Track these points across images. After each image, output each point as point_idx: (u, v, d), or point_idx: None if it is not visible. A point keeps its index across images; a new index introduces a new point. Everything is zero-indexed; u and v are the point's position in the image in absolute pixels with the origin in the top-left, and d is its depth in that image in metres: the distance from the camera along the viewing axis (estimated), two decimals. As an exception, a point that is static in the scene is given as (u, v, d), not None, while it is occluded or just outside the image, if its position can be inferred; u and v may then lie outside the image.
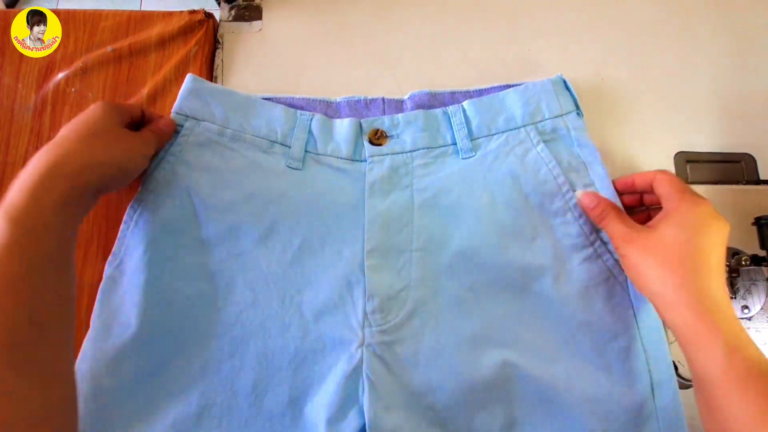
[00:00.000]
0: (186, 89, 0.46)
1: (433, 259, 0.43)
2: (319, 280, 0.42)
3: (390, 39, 0.54)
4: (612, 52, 0.53)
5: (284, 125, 0.45)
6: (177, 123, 0.45)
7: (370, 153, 0.45)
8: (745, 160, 0.50)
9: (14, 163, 0.49)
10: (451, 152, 0.46)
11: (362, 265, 0.42)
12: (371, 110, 0.48)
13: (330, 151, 0.45)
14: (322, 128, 0.46)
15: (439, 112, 0.46)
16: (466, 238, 0.43)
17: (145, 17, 0.53)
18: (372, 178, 0.44)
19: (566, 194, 0.43)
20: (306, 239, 0.43)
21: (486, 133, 0.46)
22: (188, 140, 0.44)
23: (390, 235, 0.43)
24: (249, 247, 0.42)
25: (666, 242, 0.36)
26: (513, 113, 0.46)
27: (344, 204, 0.44)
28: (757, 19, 0.54)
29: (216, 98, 0.46)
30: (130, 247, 0.41)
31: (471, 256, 0.43)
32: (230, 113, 0.45)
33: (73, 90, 0.51)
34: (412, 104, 0.48)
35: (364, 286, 0.42)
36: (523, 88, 0.46)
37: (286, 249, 0.42)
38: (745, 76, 0.53)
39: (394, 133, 0.46)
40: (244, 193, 0.43)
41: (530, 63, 0.53)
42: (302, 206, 0.43)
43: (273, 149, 0.45)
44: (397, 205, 0.44)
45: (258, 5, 0.55)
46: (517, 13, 0.55)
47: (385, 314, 0.41)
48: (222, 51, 0.53)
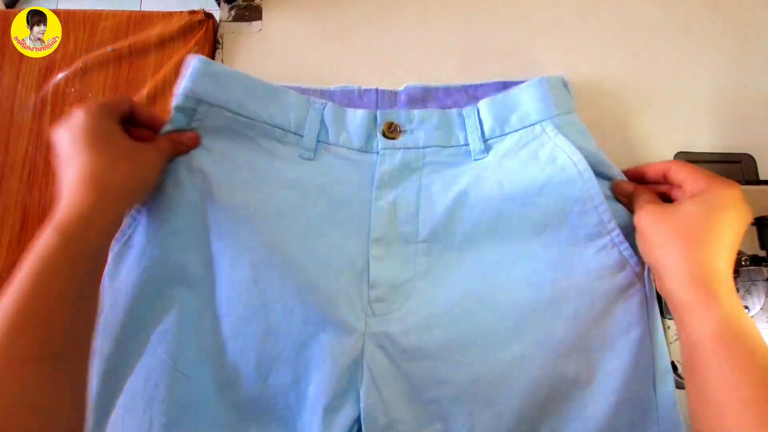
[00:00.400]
0: (196, 71, 0.43)
1: (439, 251, 0.42)
2: (323, 265, 0.41)
3: (390, 39, 0.54)
4: (612, 52, 0.53)
5: (298, 114, 0.45)
6: (187, 106, 0.43)
7: (383, 146, 0.45)
8: (745, 160, 0.50)
9: (14, 163, 0.49)
10: (464, 152, 0.45)
11: (367, 254, 0.42)
12: (364, 100, 0.48)
13: (342, 141, 0.45)
14: (334, 117, 0.45)
15: (455, 112, 0.46)
16: (473, 231, 0.43)
17: (145, 17, 0.53)
18: (382, 169, 0.44)
19: (588, 181, 0.41)
20: (312, 225, 0.42)
21: (499, 133, 0.45)
22: (203, 125, 0.43)
23: (396, 226, 0.43)
24: (255, 227, 0.42)
25: (684, 215, 0.36)
26: (527, 110, 0.44)
27: (353, 193, 0.44)
28: (757, 19, 0.54)
29: (231, 82, 0.44)
30: (140, 224, 0.41)
31: (477, 248, 0.42)
32: (244, 98, 0.44)
33: (73, 90, 0.51)
34: (405, 97, 0.48)
35: (368, 275, 0.42)
36: (538, 82, 0.45)
37: (292, 232, 0.42)
38: (745, 76, 0.52)
39: (409, 128, 0.45)
40: (256, 178, 0.43)
41: (530, 63, 0.53)
42: (312, 194, 0.43)
43: (286, 138, 0.45)
44: (405, 197, 0.44)
45: (258, 5, 0.55)
46: (517, 12, 0.55)
47: (389, 304, 0.41)
48: (222, 51, 0.53)
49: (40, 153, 0.50)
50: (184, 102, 0.43)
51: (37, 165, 0.49)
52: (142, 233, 0.41)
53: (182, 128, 0.43)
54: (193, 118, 0.43)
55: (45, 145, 0.50)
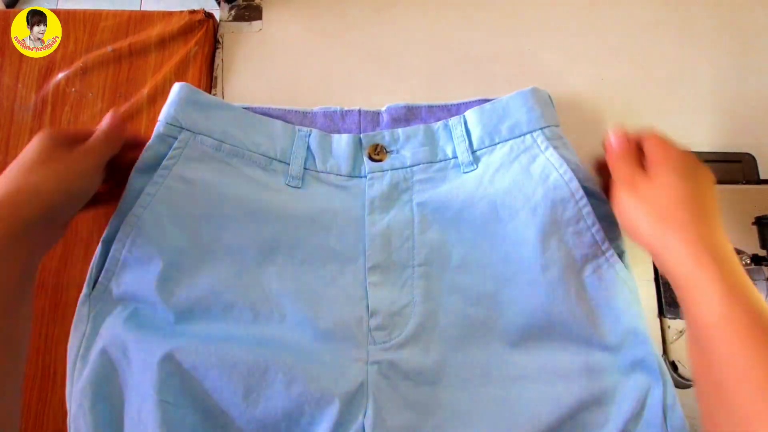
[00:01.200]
0: (179, 98, 0.43)
1: (437, 275, 0.42)
2: (322, 298, 0.41)
3: (390, 39, 0.54)
4: (612, 52, 0.53)
5: (283, 142, 0.45)
6: (168, 134, 0.42)
7: (370, 169, 0.44)
8: (745, 160, 0.50)
9: (14, 163, 0.49)
10: (452, 166, 0.45)
11: (364, 282, 0.42)
12: (347, 121, 0.47)
13: (329, 168, 0.45)
14: (320, 144, 0.45)
15: (440, 125, 0.45)
16: (469, 253, 0.42)
17: (145, 17, 0.53)
18: (372, 194, 0.43)
19: (579, 201, 0.41)
20: (307, 257, 0.42)
21: (488, 143, 0.44)
22: (183, 153, 0.42)
23: (391, 252, 0.42)
24: (249, 266, 0.41)
25: (658, 188, 0.35)
26: (518, 119, 0.44)
27: (345, 221, 0.43)
28: (757, 19, 0.54)
29: (214, 111, 0.44)
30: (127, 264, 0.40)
31: (474, 270, 0.42)
32: (228, 127, 0.44)
33: (73, 90, 0.51)
34: (388, 117, 0.47)
35: (367, 303, 0.41)
36: (529, 92, 0.45)
37: (288, 267, 0.41)
38: (745, 76, 0.52)
39: (394, 148, 0.45)
40: (243, 210, 0.42)
41: (530, 63, 0.53)
42: (302, 224, 0.42)
43: (272, 166, 0.44)
44: (398, 221, 0.43)
45: (258, 5, 0.55)
46: (517, 13, 0.55)
47: (389, 331, 0.40)
48: (222, 51, 0.53)
49: (40, 153, 0.50)
50: (165, 129, 0.42)
51: (37, 165, 0.49)
52: (128, 274, 0.40)
53: (160, 155, 0.42)
54: (171, 146, 0.42)
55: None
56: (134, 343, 0.37)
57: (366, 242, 0.42)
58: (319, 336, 0.40)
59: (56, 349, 0.45)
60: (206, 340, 0.38)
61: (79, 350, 0.38)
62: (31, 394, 0.44)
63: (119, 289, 0.39)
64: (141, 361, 0.37)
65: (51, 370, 0.44)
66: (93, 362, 0.37)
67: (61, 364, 0.44)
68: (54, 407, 0.44)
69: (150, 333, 0.38)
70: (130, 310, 0.39)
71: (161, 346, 0.37)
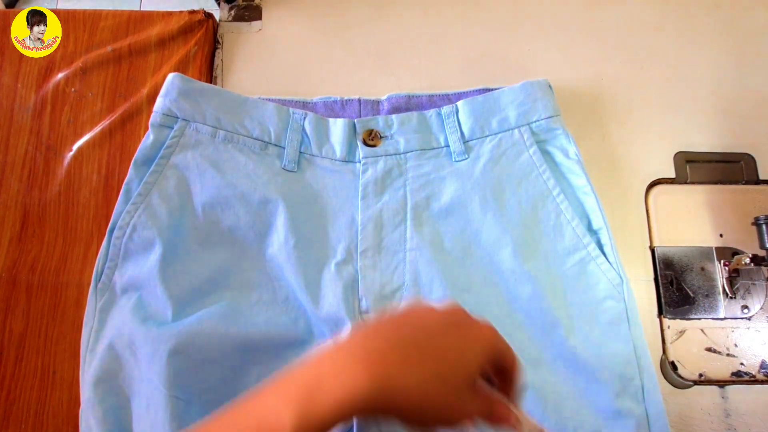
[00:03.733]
0: (172, 89, 0.44)
1: (427, 260, 0.43)
2: (317, 280, 0.42)
3: (389, 38, 0.54)
4: (612, 52, 0.53)
5: (277, 125, 0.45)
6: (164, 125, 0.43)
7: (364, 154, 0.45)
8: (745, 160, 0.50)
9: (14, 163, 0.49)
10: (444, 154, 0.45)
11: (356, 265, 0.42)
12: (347, 110, 0.48)
13: (324, 152, 0.45)
14: (316, 128, 0.46)
15: (433, 113, 0.46)
16: (459, 240, 0.43)
17: (145, 17, 0.53)
18: (366, 179, 0.44)
19: (557, 197, 0.43)
20: (302, 239, 0.42)
21: (479, 135, 0.45)
22: (179, 142, 0.43)
23: (383, 236, 0.43)
24: (248, 249, 0.42)
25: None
26: (507, 114, 0.45)
27: (339, 205, 0.44)
28: (757, 19, 0.54)
29: (207, 98, 0.45)
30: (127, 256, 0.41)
31: (464, 258, 0.43)
32: (222, 113, 0.45)
33: (73, 90, 0.51)
34: (389, 105, 0.48)
35: (358, 287, 0.42)
36: (519, 87, 0.46)
37: (284, 249, 0.42)
38: (745, 76, 0.52)
39: (388, 134, 0.46)
40: (240, 193, 0.43)
41: (530, 63, 0.53)
42: (298, 207, 0.43)
43: (267, 150, 0.45)
44: (390, 206, 0.44)
45: (258, 5, 0.55)
46: (517, 13, 0.55)
47: (379, 314, 0.41)
48: (222, 51, 0.53)
49: (40, 153, 0.50)
50: (161, 120, 0.44)
51: (37, 165, 0.49)
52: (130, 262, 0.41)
53: (158, 145, 0.43)
54: (168, 136, 0.43)
55: (45, 144, 0.50)
56: (140, 337, 0.38)
57: (358, 226, 0.43)
58: (319, 317, 0.41)
59: (56, 349, 0.45)
60: (209, 327, 0.39)
61: (88, 344, 0.40)
62: (31, 394, 0.44)
63: (122, 279, 0.41)
64: (148, 355, 0.38)
65: (51, 370, 0.44)
66: (101, 357, 0.39)
67: (61, 364, 0.44)
68: (54, 407, 0.43)
69: (155, 326, 0.39)
70: (134, 300, 0.40)
71: (167, 339, 0.38)
